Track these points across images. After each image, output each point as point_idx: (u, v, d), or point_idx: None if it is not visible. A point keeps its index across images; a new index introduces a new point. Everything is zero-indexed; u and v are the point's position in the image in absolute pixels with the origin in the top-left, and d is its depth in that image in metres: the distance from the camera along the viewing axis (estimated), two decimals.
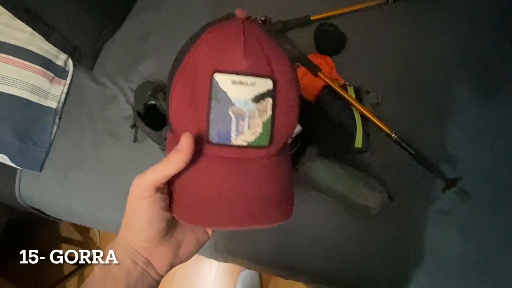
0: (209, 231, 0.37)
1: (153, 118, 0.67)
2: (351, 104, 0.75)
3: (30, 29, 0.77)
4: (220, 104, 0.30)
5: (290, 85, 0.32)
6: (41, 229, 1.22)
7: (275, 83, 0.31)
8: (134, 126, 0.71)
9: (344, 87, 0.77)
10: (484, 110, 0.74)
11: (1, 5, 0.73)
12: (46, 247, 1.24)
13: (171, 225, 0.32)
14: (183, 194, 0.31)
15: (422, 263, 0.69)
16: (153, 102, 0.66)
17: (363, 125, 0.74)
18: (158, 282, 0.33)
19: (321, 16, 0.86)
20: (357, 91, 0.78)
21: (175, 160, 0.29)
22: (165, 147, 0.68)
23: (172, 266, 0.34)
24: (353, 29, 0.84)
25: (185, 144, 0.29)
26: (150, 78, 0.83)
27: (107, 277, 0.30)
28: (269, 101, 0.31)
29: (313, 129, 0.76)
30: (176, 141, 0.30)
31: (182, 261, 0.34)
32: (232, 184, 0.31)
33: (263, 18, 0.88)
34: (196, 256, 1.31)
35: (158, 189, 0.30)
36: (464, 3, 0.84)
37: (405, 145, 0.71)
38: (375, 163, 0.74)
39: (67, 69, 0.85)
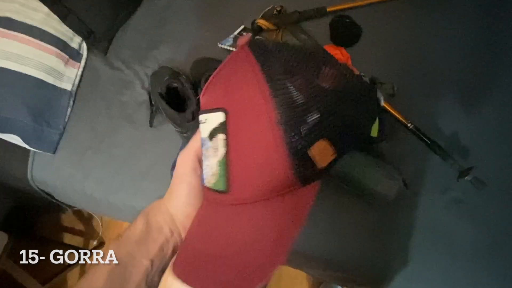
0: None
1: (173, 101, 0.67)
2: None
3: (46, 10, 0.77)
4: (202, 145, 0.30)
5: (251, 110, 0.25)
6: (43, 217, 1.20)
7: (228, 115, 0.25)
8: (153, 110, 0.71)
9: None
10: (498, 100, 0.76)
11: None
12: (48, 236, 1.22)
13: None
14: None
15: (435, 250, 0.70)
16: (175, 84, 0.66)
17: (379, 115, 0.75)
18: None
19: (337, 7, 0.87)
20: (373, 82, 0.79)
21: None
22: (186, 129, 0.68)
23: None
24: (368, 22, 0.85)
25: None
26: (165, 63, 0.83)
27: (148, 236, 0.31)
28: (220, 137, 0.26)
29: None
30: None
31: None
32: (202, 231, 0.28)
33: (278, 8, 0.88)
34: None
35: (200, 162, 0.31)
36: None
37: (421, 135, 0.72)
38: (390, 152, 0.75)
39: (81, 52, 0.84)
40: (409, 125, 0.73)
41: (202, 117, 0.28)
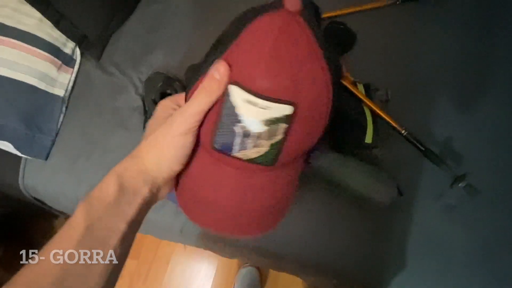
0: None
1: None
2: (361, 100, 0.76)
3: (38, 15, 0.76)
4: (227, 117, 0.28)
5: (316, 107, 0.28)
6: (36, 224, 1.18)
7: (295, 109, 0.26)
8: (147, 116, 0.70)
9: (354, 84, 0.78)
10: (492, 107, 0.77)
11: None
12: (41, 243, 1.20)
13: None
14: (183, 184, 0.33)
15: (430, 257, 0.70)
16: (168, 91, 0.66)
17: (373, 121, 0.75)
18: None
19: (331, 14, 0.87)
20: (367, 88, 0.79)
21: (215, 88, 0.27)
22: None
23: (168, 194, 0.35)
24: (363, 28, 0.86)
25: (223, 72, 0.27)
26: (159, 69, 0.82)
27: (122, 200, 0.29)
28: (282, 126, 0.27)
29: None
30: None
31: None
32: (224, 191, 0.31)
33: None
34: (195, 254, 1.29)
35: (200, 123, 0.29)
36: (468, 4, 0.87)
37: (414, 141, 0.72)
38: (384, 158, 0.75)
39: (74, 57, 0.83)
40: (403, 131, 0.73)
41: (263, 103, 0.26)
